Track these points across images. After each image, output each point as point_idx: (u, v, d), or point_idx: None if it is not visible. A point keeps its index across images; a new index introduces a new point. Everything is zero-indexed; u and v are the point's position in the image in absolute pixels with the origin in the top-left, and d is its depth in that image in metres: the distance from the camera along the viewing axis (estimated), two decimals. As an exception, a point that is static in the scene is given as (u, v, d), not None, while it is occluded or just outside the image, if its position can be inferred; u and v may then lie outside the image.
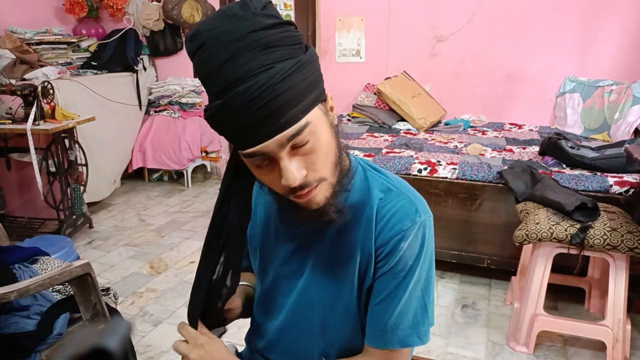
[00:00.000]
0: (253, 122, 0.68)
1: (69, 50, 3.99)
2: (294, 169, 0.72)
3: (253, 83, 0.66)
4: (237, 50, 0.67)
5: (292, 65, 0.68)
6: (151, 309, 2.44)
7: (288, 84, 0.68)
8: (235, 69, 0.67)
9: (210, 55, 0.68)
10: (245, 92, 0.66)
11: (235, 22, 0.67)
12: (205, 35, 0.68)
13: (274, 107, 0.67)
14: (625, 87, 3.05)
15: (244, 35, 0.66)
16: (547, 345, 2.13)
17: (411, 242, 0.80)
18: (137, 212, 3.82)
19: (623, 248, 1.82)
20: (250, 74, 0.66)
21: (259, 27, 0.67)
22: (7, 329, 1.42)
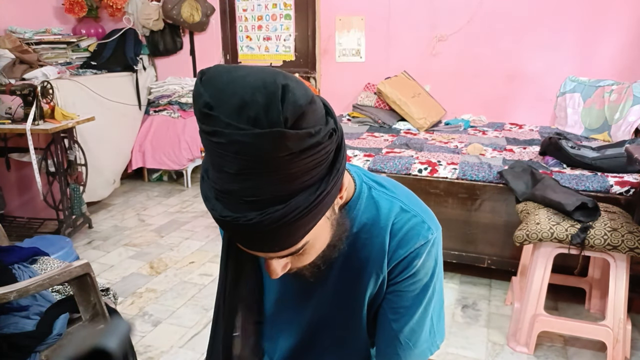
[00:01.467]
0: (248, 241, 0.63)
1: (68, 50, 3.98)
2: (279, 268, 0.69)
3: (258, 219, 0.57)
4: (250, 169, 0.55)
5: (310, 200, 0.59)
6: (151, 309, 2.44)
7: (298, 223, 0.59)
8: (243, 189, 0.56)
9: (221, 152, 0.56)
10: (245, 222, 0.57)
11: (256, 136, 0.53)
12: (220, 125, 0.54)
13: (276, 240, 0.61)
14: (626, 87, 3.05)
15: (261, 157, 0.54)
16: (547, 345, 2.13)
17: (425, 260, 0.81)
18: (136, 212, 3.81)
19: (623, 248, 1.82)
20: (256, 203, 0.57)
21: (284, 152, 0.54)
22: (6, 329, 1.42)
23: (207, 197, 0.61)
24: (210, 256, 3.03)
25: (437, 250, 0.83)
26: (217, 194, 0.59)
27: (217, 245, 3.18)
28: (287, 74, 0.58)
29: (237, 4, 4.37)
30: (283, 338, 0.94)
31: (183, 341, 2.18)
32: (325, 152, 0.59)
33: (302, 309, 0.90)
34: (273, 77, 0.55)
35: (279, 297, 0.90)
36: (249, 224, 0.57)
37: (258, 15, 4.32)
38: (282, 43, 4.29)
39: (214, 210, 0.60)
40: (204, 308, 2.44)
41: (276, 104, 0.53)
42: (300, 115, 0.55)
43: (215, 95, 0.55)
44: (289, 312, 0.91)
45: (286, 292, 0.89)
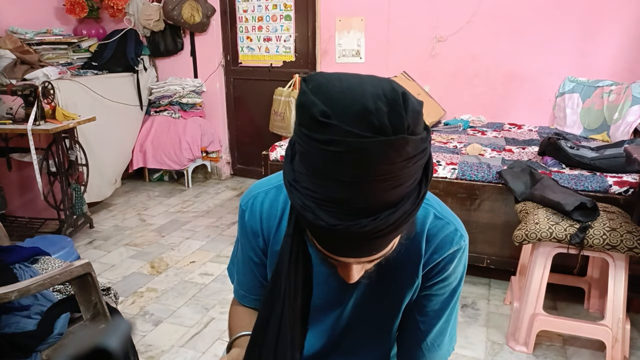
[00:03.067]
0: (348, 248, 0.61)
1: (69, 50, 3.99)
2: (357, 274, 0.68)
3: (372, 226, 0.56)
4: (367, 176, 0.54)
5: (415, 203, 0.59)
6: (152, 309, 2.44)
7: (402, 227, 0.60)
8: (355, 196, 0.55)
9: (336, 160, 0.54)
10: (358, 229, 0.56)
11: (379, 144, 0.52)
12: (338, 134, 0.53)
13: (373, 244, 0.61)
14: (625, 87, 3.05)
15: (381, 164, 0.54)
16: (546, 344, 2.14)
17: (456, 265, 0.85)
18: (137, 212, 3.82)
19: (622, 248, 1.82)
20: (368, 210, 0.56)
21: (403, 158, 0.54)
22: (7, 329, 1.43)
23: (305, 206, 0.58)
24: (211, 256, 3.04)
25: (465, 258, 0.88)
26: (320, 203, 0.57)
27: (218, 245, 3.19)
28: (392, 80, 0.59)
29: (237, 5, 4.37)
30: (312, 336, 0.94)
31: (184, 340, 2.19)
32: (427, 154, 0.60)
33: (337, 310, 0.91)
34: (389, 85, 0.56)
35: (317, 298, 0.87)
36: (363, 231, 0.56)
37: (258, 16, 4.32)
38: (283, 44, 4.30)
39: (320, 220, 0.57)
40: (204, 307, 2.45)
41: (399, 110, 0.54)
42: (417, 121, 0.56)
43: (331, 103, 0.54)
44: (324, 312, 0.92)
45: (327, 293, 0.89)
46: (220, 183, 4.62)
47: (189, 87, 4.40)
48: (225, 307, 2.45)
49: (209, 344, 2.16)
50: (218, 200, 4.10)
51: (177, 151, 4.27)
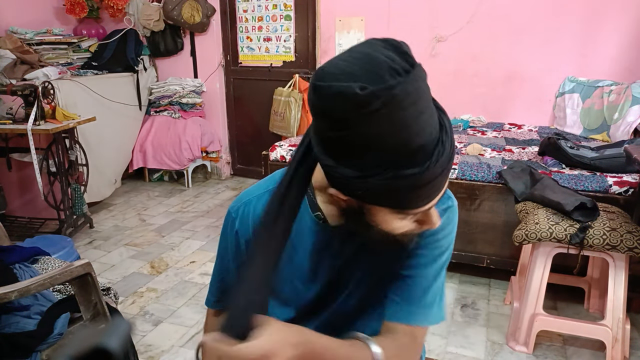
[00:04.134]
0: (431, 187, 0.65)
1: (69, 50, 3.99)
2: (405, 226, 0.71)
3: (443, 154, 0.62)
4: (419, 112, 0.61)
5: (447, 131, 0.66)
6: (152, 309, 2.44)
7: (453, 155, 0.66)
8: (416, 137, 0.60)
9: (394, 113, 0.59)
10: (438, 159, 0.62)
11: (410, 80, 0.61)
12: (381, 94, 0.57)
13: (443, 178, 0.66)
14: (625, 87, 3.05)
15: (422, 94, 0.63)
16: (546, 344, 2.14)
17: (445, 223, 0.83)
18: (137, 212, 3.82)
19: (622, 248, 1.82)
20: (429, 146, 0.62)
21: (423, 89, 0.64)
22: (7, 329, 1.43)
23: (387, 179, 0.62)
24: (211, 256, 3.04)
25: (456, 220, 0.87)
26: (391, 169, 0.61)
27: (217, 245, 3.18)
28: None
29: (237, 5, 4.37)
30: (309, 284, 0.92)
31: (184, 340, 2.19)
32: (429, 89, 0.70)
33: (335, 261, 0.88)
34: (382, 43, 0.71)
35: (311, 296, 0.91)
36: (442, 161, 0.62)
37: (258, 16, 4.32)
38: (283, 44, 4.30)
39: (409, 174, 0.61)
40: (204, 307, 2.45)
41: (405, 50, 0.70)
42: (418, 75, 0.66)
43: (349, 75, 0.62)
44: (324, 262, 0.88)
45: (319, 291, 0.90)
46: (220, 183, 4.62)
47: (189, 87, 4.40)
48: (225, 307, 2.45)
49: (209, 344, 2.16)
50: (218, 200, 4.10)
51: (177, 151, 4.27)
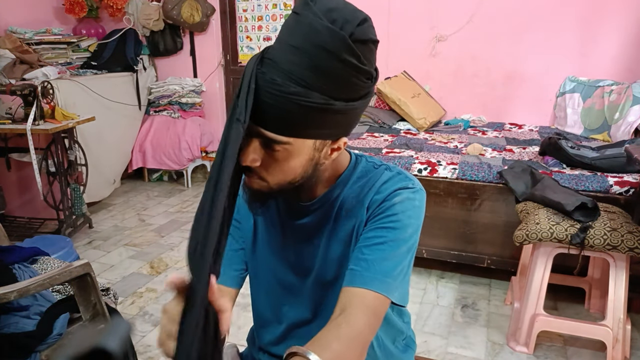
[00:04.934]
0: (258, 101, 0.69)
1: (68, 50, 3.98)
2: (249, 152, 0.74)
3: (279, 82, 0.68)
4: (303, 49, 0.67)
5: (320, 102, 0.69)
6: (151, 309, 2.44)
7: (303, 110, 0.69)
8: (288, 61, 0.68)
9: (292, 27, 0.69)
10: (273, 81, 0.68)
11: (325, 28, 0.67)
12: (308, 12, 0.68)
13: (276, 112, 0.69)
14: (625, 87, 3.05)
15: (317, 45, 0.67)
16: (547, 345, 2.13)
17: (404, 200, 0.83)
18: (137, 212, 3.82)
19: (623, 248, 1.82)
20: (289, 75, 0.68)
21: (334, 51, 0.67)
22: (7, 329, 1.42)
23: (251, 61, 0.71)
24: (210, 256, 3.03)
25: (419, 201, 0.84)
26: (263, 61, 0.70)
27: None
28: None
29: (237, 5, 4.37)
30: (290, 310, 0.97)
31: (183, 341, 2.18)
32: (355, 83, 0.71)
33: (307, 279, 0.93)
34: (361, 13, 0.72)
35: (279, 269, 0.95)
36: (273, 82, 0.68)
37: (258, 15, 4.32)
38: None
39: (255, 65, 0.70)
40: (204, 308, 2.45)
41: (354, 22, 0.68)
42: (362, 41, 0.69)
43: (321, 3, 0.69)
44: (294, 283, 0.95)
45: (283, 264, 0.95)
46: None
47: (189, 87, 4.40)
48: (225, 308, 2.44)
49: (209, 345, 2.16)
50: (218, 200, 4.10)
51: (176, 151, 4.26)
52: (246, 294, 1.01)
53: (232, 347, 1.03)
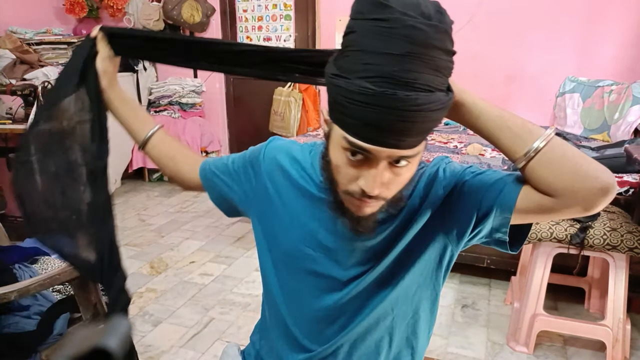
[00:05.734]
0: (385, 125, 0.65)
1: (69, 50, 3.98)
2: (376, 179, 0.69)
3: (413, 96, 0.63)
4: (415, 53, 0.62)
5: (444, 99, 0.66)
6: (151, 309, 2.44)
7: (434, 115, 0.66)
8: (404, 70, 0.62)
9: (389, 35, 0.62)
10: (401, 99, 0.63)
11: (428, 25, 0.62)
12: (395, 14, 0.62)
13: (412, 127, 0.65)
14: (625, 87, 3.05)
15: (429, 45, 0.63)
16: (547, 345, 2.14)
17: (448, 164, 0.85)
18: (137, 212, 3.82)
19: (623, 248, 1.82)
20: (414, 85, 0.63)
21: (443, 47, 0.64)
22: (7, 329, 1.42)
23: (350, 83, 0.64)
24: (210, 256, 3.03)
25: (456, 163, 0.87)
26: (368, 80, 0.63)
27: (217, 246, 3.19)
28: None
29: (237, 5, 4.37)
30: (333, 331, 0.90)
31: (183, 341, 2.19)
32: (451, 68, 0.68)
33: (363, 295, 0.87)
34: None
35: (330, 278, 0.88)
36: (407, 98, 0.63)
37: (258, 15, 4.32)
38: (282, 44, 4.30)
39: (367, 88, 0.63)
40: (204, 308, 2.45)
41: (444, 13, 0.65)
42: (450, 27, 0.66)
43: None
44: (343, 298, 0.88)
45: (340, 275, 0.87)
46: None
47: (189, 87, 4.40)
48: (225, 308, 2.44)
49: (209, 345, 2.16)
50: (218, 200, 4.10)
51: (176, 151, 4.26)
52: (247, 294, 1.01)
53: (234, 347, 1.04)
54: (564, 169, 0.69)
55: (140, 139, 1.02)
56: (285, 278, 0.90)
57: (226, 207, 0.99)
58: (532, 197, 0.73)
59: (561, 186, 0.69)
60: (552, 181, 0.70)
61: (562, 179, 0.69)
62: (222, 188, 0.96)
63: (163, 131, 1.03)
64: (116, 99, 0.99)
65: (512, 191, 0.75)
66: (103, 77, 0.96)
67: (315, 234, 0.85)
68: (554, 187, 0.70)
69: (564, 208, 0.71)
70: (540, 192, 0.72)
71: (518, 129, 0.73)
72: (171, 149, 1.02)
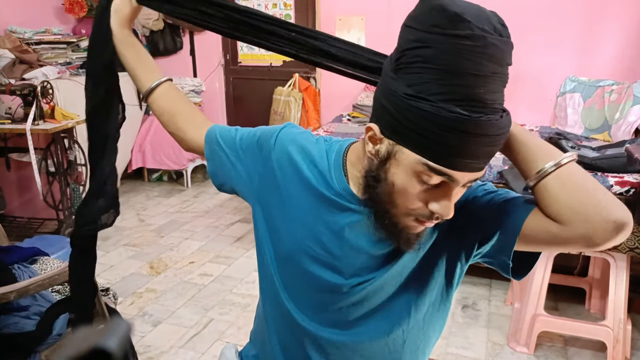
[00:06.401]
0: (475, 151, 0.64)
1: (68, 50, 3.98)
2: (451, 203, 0.69)
3: (501, 120, 0.63)
4: (497, 73, 0.62)
5: (510, 119, 0.67)
6: (151, 309, 2.43)
7: (504, 137, 0.67)
8: (490, 92, 0.61)
9: (472, 54, 0.60)
10: (493, 124, 0.62)
11: (504, 43, 0.62)
12: (475, 30, 0.60)
13: (495, 150, 0.66)
14: (626, 87, 3.05)
15: (504, 63, 0.63)
16: (547, 345, 2.13)
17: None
18: (136, 212, 3.81)
19: (623, 248, 1.82)
20: (496, 107, 0.63)
21: (510, 62, 0.64)
22: (6, 329, 1.42)
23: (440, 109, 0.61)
24: (210, 256, 3.03)
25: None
26: (457, 104, 0.61)
27: (217, 246, 3.18)
28: None
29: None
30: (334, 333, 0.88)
31: (183, 341, 2.18)
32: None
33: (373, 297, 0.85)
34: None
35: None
36: (498, 124, 0.62)
37: (258, 15, 4.32)
38: (282, 43, 4.29)
39: (462, 115, 0.60)
40: (204, 308, 2.44)
41: (505, 26, 0.64)
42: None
43: (460, 6, 0.61)
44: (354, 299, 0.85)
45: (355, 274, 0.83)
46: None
47: (189, 87, 4.39)
48: (224, 308, 2.44)
49: (208, 345, 2.16)
50: (217, 200, 4.09)
51: (176, 151, 4.26)
52: (247, 294, 1.01)
53: (231, 348, 1.03)
54: (577, 195, 0.67)
55: (144, 89, 0.98)
56: (287, 273, 0.88)
57: (221, 182, 0.95)
58: (539, 221, 0.71)
59: (571, 212, 0.66)
60: (563, 205, 0.67)
61: (572, 204, 0.66)
62: (224, 163, 0.92)
63: (170, 84, 0.99)
64: (123, 42, 0.95)
65: (520, 214, 0.73)
66: (114, 15, 0.92)
67: (320, 236, 0.82)
68: (563, 212, 0.67)
69: (571, 237, 0.68)
70: (548, 216, 0.69)
71: (535, 148, 0.72)
72: (176, 104, 0.98)
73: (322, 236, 0.83)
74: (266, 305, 0.93)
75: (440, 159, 0.64)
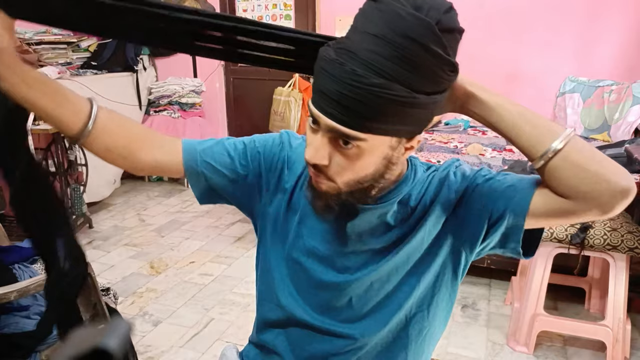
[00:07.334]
0: (329, 92, 0.66)
1: (68, 50, 3.98)
2: (318, 149, 0.70)
3: (360, 72, 0.63)
4: (388, 38, 0.63)
5: (403, 95, 0.64)
6: (151, 309, 2.44)
7: (383, 103, 0.64)
8: (369, 50, 0.63)
9: (373, 16, 0.65)
10: (347, 70, 0.63)
11: (411, 16, 0.62)
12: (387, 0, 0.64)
13: (354, 105, 0.65)
14: (625, 87, 3.05)
15: (405, 36, 0.62)
16: (547, 345, 2.14)
17: (459, 167, 0.84)
18: (137, 212, 3.82)
19: (623, 248, 1.82)
20: (370, 66, 0.63)
21: (423, 43, 0.63)
22: (7, 329, 1.42)
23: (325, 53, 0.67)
24: (210, 256, 3.03)
25: (466, 165, 0.86)
26: (338, 51, 0.66)
27: (217, 246, 3.19)
28: None
29: (237, 4, 4.37)
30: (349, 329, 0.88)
31: (183, 341, 2.19)
32: (440, 75, 0.67)
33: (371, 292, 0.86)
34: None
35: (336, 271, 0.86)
36: (353, 73, 0.63)
37: (258, 15, 4.32)
38: (282, 43, 4.30)
39: (327, 56, 0.66)
40: (204, 308, 2.45)
41: (440, 10, 0.64)
42: (449, 30, 0.66)
43: None
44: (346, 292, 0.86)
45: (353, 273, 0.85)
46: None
47: (189, 87, 4.39)
48: (225, 308, 2.44)
49: (209, 345, 2.16)
50: (218, 200, 4.10)
51: (176, 151, 4.26)
52: (247, 294, 1.01)
53: (232, 348, 1.03)
54: (586, 172, 0.67)
55: (77, 128, 0.77)
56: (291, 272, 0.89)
57: (212, 201, 0.93)
58: (548, 200, 0.71)
59: (583, 189, 0.67)
60: (574, 184, 0.67)
61: (584, 182, 0.67)
62: (218, 186, 0.88)
63: (107, 110, 0.82)
64: (22, 83, 0.75)
65: (525, 196, 0.73)
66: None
67: (321, 233, 0.85)
68: (575, 190, 0.67)
69: (582, 211, 0.68)
70: (558, 194, 0.69)
71: (538, 128, 0.72)
72: (125, 130, 0.86)
73: (323, 233, 0.85)
74: (266, 305, 0.94)
75: (312, 98, 0.70)
